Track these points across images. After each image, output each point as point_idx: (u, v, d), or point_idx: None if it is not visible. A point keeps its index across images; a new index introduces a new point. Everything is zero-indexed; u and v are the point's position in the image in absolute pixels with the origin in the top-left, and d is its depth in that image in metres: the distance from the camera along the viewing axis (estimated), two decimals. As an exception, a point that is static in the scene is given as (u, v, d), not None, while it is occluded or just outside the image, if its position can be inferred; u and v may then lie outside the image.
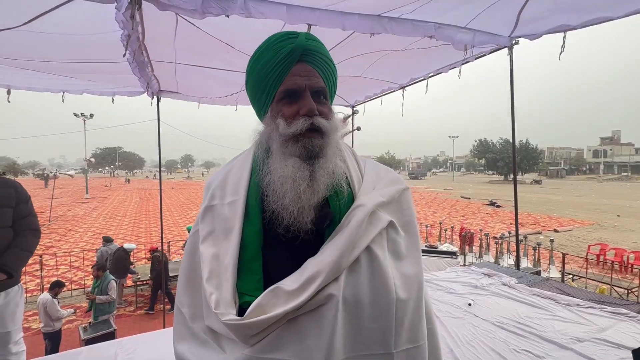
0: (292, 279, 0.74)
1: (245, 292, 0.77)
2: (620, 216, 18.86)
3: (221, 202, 0.86)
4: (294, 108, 0.80)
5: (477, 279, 3.55)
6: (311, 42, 0.84)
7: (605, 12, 2.59)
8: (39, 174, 49.12)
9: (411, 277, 0.82)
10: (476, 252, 9.80)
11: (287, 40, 0.83)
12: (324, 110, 0.83)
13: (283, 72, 0.81)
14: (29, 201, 2.30)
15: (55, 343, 4.92)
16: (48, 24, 2.31)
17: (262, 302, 0.72)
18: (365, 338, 0.75)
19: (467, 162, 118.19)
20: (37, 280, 8.12)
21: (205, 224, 0.86)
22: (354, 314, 0.74)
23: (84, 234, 14.77)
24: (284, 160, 0.79)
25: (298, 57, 0.82)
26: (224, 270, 0.78)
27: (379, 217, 0.82)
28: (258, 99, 0.87)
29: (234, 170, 0.90)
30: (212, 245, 0.82)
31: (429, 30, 2.88)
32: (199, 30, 2.76)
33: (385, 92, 5.24)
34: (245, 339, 0.73)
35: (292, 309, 0.71)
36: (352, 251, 0.75)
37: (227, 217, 0.83)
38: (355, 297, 0.74)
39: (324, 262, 0.74)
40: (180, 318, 0.86)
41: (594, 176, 70.81)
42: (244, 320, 0.71)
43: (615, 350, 2.15)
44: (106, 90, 4.55)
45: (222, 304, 0.74)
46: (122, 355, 2.30)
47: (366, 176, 0.90)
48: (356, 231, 0.76)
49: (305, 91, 0.80)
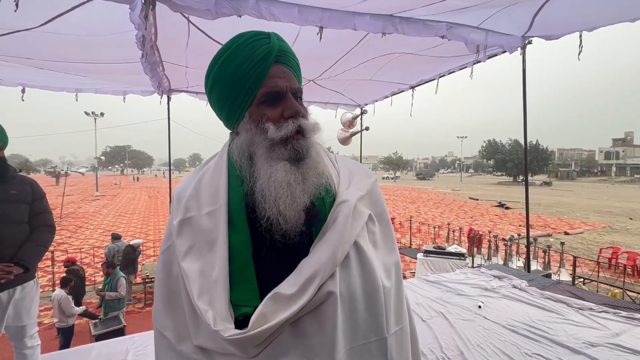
0: (289, 282, 0.73)
1: (241, 303, 0.74)
2: (632, 219, 18.51)
3: (198, 213, 0.80)
4: (278, 110, 0.79)
5: (487, 281, 3.52)
6: (283, 42, 0.83)
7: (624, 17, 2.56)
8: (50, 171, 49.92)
9: (390, 264, 0.86)
10: (484, 254, 9.71)
11: (260, 41, 0.80)
12: (304, 111, 0.82)
13: (261, 75, 0.78)
14: (44, 198, 2.34)
15: (67, 338, 5.00)
16: (64, 25, 2.35)
17: (264, 311, 0.70)
18: (362, 328, 0.77)
19: (475, 163, 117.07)
20: (48, 276, 8.26)
21: (183, 239, 0.80)
22: (350, 307, 0.76)
23: (94, 231, 14.98)
24: (273, 164, 0.77)
25: (275, 59, 0.80)
26: (214, 284, 0.74)
27: (360, 212, 0.84)
28: (231, 104, 0.82)
29: (206, 179, 0.85)
30: (195, 260, 0.77)
31: (440, 30, 2.85)
32: (211, 41, 2.79)
33: (395, 93, 5.22)
34: (248, 351, 0.71)
35: (294, 313, 0.70)
36: (344, 247, 0.76)
37: (208, 228, 0.78)
38: (350, 290, 0.76)
39: (320, 261, 0.73)
40: (164, 342, 0.81)
41: (606, 178, 69.60)
42: (248, 333, 0.69)
43: (629, 356, 2.11)
44: (118, 89, 4.62)
45: (218, 320, 0.71)
46: (134, 352, 2.34)
47: (341, 171, 0.90)
48: (345, 227, 0.77)
49: (287, 93, 0.79)
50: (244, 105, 0.81)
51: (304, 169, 0.78)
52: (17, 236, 2.15)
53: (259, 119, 0.79)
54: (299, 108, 0.79)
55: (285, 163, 0.77)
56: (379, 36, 2.73)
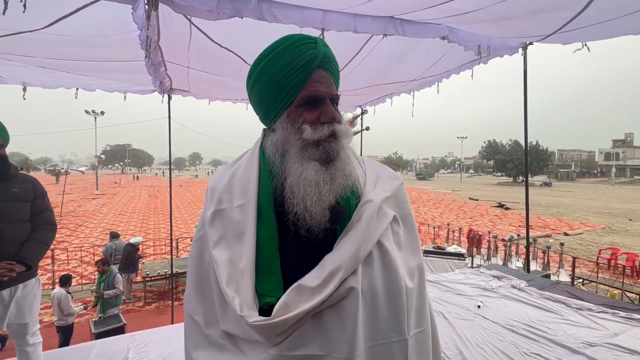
0: (313, 275, 0.76)
1: (265, 293, 0.79)
2: (632, 220, 18.53)
3: (230, 206, 0.85)
4: (315, 114, 0.82)
5: (487, 281, 3.53)
6: (327, 49, 0.87)
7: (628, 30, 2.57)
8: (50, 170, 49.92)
9: (413, 267, 0.87)
10: (484, 254, 9.73)
11: (306, 45, 0.83)
12: (338, 117, 0.85)
13: (304, 78, 0.82)
14: (45, 196, 2.35)
15: (67, 337, 5.01)
16: (68, 27, 2.36)
17: (287, 301, 0.74)
18: (383, 327, 0.78)
19: (475, 164, 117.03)
20: (48, 275, 8.28)
21: (215, 229, 0.85)
22: (371, 305, 0.77)
23: (94, 229, 15.00)
24: (304, 164, 0.81)
25: (319, 64, 0.83)
26: (241, 274, 0.78)
27: (385, 212, 0.85)
28: (270, 101, 0.86)
29: (239, 173, 0.89)
30: (225, 249, 0.82)
31: (442, 31, 2.86)
32: (213, 43, 2.79)
33: (395, 94, 5.23)
34: (271, 338, 0.75)
35: (316, 305, 0.73)
36: (367, 245, 0.79)
37: (238, 221, 0.83)
38: (371, 288, 0.78)
39: (343, 257, 0.76)
40: (194, 326, 0.86)
41: (606, 179, 69.58)
42: (272, 320, 0.72)
43: (628, 356, 2.13)
44: (119, 87, 4.62)
45: (244, 307, 0.75)
46: (135, 349, 2.35)
47: (367, 173, 0.93)
48: (369, 226, 0.80)
49: (326, 98, 0.83)
50: (283, 105, 0.84)
51: (333, 170, 0.81)
52: (18, 234, 2.16)
53: (296, 120, 0.83)
54: (335, 114, 0.82)
55: (316, 163, 0.81)
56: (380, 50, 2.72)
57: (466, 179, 78.70)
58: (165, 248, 10.72)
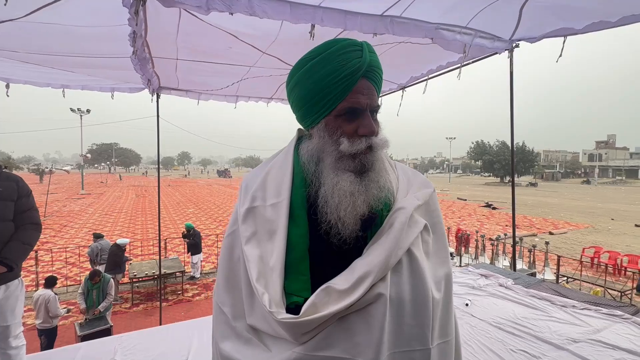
0: (342, 279, 0.77)
1: (293, 292, 0.79)
2: (614, 220, 19.03)
3: (263, 204, 0.86)
4: (354, 126, 0.81)
5: (474, 280, 3.58)
6: (373, 55, 0.84)
7: (604, 18, 2.63)
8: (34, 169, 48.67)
9: (441, 276, 0.86)
10: (472, 254, 9.87)
11: (353, 53, 0.80)
12: (377, 129, 0.84)
13: (347, 88, 0.79)
14: (30, 195, 2.30)
15: (51, 339, 4.90)
16: (51, 15, 2.30)
17: (315, 301, 0.74)
18: (407, 334, 0.78)
19: (463, 164, 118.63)
20: (32, 276, 8.08)
21: (247, 225, 0.86)
22: (397, 312, 0.78)
23: (79, 230, 14.69)
24: (339, 174, 0.81)
25: (364, 73, 0.80)
26: (271, 271, 0.79)
27: (416, 220, 0.85)
28: (310, 108, 0.84)
29: (273, 173, 0.90)
30: (256, 246, 0.83)
31: (429, 31, 2.89)
32: (202, 22, 2.74)
33: (385, 93, 5.26)
34: (297, 337, 0.75)
35: (344, 308, 0.73)
36: (397, 252, 0.78)
37: (270, 219, 0.84)
38: (399, 295, 0.78)
39: (373, 262, 0.76)
40: (222, 317, 0.87)
41: (589, 179, 71.32)
42: (300, 319, 0.73)
43: (610, 351, 2.18)
44: (106, 85, 4.54)
45: (273, 303, 0.76)
46: (122, 351, 2.31)
47: (400, 179, 0.92)
48: (400, 233, 0.79)
49: (366, 111, 0.81)
50: (322, 113, 0.83)
51: (367, 182, 0.81)
52: (1, 234, 2.11)
53: (334, 131, 0.82)
54: (374, 128, 0.81)
55: (351, 174, 0.80)
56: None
57: (455, 179, 79.67)
58: (153, 248, 10.57)
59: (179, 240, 10.54)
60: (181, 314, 6.69)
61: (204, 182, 52.08)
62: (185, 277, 8.28)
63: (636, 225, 17.04)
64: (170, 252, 10.48)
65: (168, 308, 6.94)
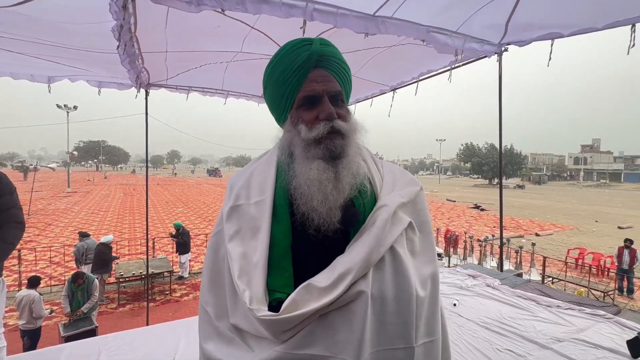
0: (323, 276, 0.77)
1: (276, 289, 0.79)
2: (598, 222, 19.48)
3: (247, 202, 0.87)
4: (314, 113, 0.83)
5: (462, 280, 3.62)
6: (325, 47, 0.87)
7: (590, 24, 2.69)
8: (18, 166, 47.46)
9: (427, 275, 0.86)
10: (460, 254, 9.98)
11: (302, 48, 0.85)
12: (342, 113, 0.86)
13: (300, 79, 0.84)
14: (14, 193, 2.23)
15: (34, 340, 4.78)
16: (38, 9, 2.24)
17: (296, 298, 0.74)
18: (390, 332, 0.77)
19: (453, 166, 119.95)
20: (14, 276, 7.88)
21: (231, 223, 0.87)
22: (379, 310, 0.77)
23: (64, 228, 14.39)
24: (308, 163, 0.82)
25: (314, 63, 0.84)
26: (254, 268, 0.79)
27: (400, 218, 0.84)
28: (277, 106, 0.90)
29: (258, 171, 0.92)
30: (239, 244, 0.83)
31: (421, 33, 2.92)
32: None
33: (376, 95, 5.29)
34: (277, 334, 0.75)
35: (324, 305, 0.73)
36: (379, 249, 0.78)
37: (254, 217, 0.85)
38: (381, 293, 0.77)
39: (354, 260, 0.76)
40: (206, 317, 0.87)
41: (575, 182, 72.86)
42: (280, 316, 0.73)
43: (592, 350, 2.23)
44: (93, 79, 4.44)
45: (254, 300, 0.76)
46: (106, 352, 2.26)
47: (385, 177, 0.92)
48: (382, 230, 0.79)
49: (323, 96, 0.83)
50: (286, 108, 0.88)
51: (338, 168, 0.81)
52: (-19, 232, 2.05)
53: (296, 121, 0.86)
54: (332, 111, 0.82)
55: (320, 162, 0.81)
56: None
57: (444, 180, 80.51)
58: (140, 248, 10.42)
59: (167, 240, 10.40)
60: (169, 314, 6.60)
61: (193, 181, 51.56)
62: (174, 277, 8.19)
63: (619, 227, 17.47)
64: (158, 251, 10.34)
65: (155, 308, 6.84)
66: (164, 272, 7.81)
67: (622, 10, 2.45)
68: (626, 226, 17.66)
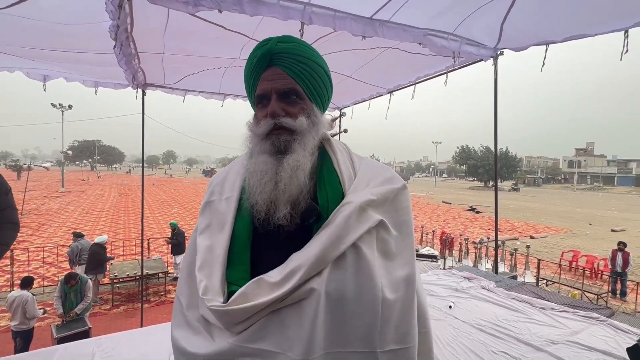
0: (276, 272, 0.77)
1: (233, 281, 0.81)
2: (591, 224, 19.65)
3: (219, 198, 0.93)
4: (265, 111, 0.86)
5: (458, 282, 3.63)
6: (282, 44, 0.86)
7: (583, 30, 2.72)
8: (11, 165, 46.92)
9: (400, 277, 0.81)
10: (456, 256, 10.01)
11: (260, 49, 0.87)
12: (293, 111, 0.85)
13: (256, 79, 0.87)
14: (9, 193, 2.20)
15: (26, 341, 4.73)
16: (32, 9, 2.23)
17: (246, 291, 0.75)
18: (348, 334, 0.75)
19: (449, 168, 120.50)
20: (7, 276, 7.79)
21: (203, 218, 0.92)
22: (336, 309, 0.75)
23: (58, 228, 14.25)
24: (258, 157, 0.85)
25: (267, 62, 0.85)
26: (215, 260, 0.82)
27: (368, 216, 0.82)
28: (251, 105, 0.94)
29: (234, 170, 0.96)
30: (208, 237, 0.87)
31: (418, 36, 2.93)
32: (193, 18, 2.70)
33: (374, 97, 5.30)
34: (229, 326, 0.76)
35: (273, 300, 0.73)
36: (337, 246, 0.76)
37: (223, 212, 0.89)
38: (339, 292, 0.75)
39: (306, 256, 0.76)
40: (179, 306, 0.90)
41: (569, 185, 73.44)
42: (227, 307, 0.74)
43: (586, 353, 2.24)
44: (89, 79, 4.42)
45: (210, 291, 0.78)
46: (100, 354, 2.24)
47: (360, 174, 0.90)
48: (341, 227, 0.77)
49: (272, 94, 0.85)
50: (253, 108, 0.92)
51: (281, 162, 0.82)
52: (-25, 233, 2.02)
53: (254, 119, 0.90)
54: (274, 109, 0.84)
55: (266, 156, 0.84)
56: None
57: (440, 182, 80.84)
58: (135, 249, 10.35)
59: (162, 240, 10.34)
60: (163, 315, 6.55)
61: (189, 182, 51.34)
62: (168, 277, 8.13)
63: (612, 230, 17.63)
64: (153, 252, 10.27)
65: (150, 309, 6.79)
66: (158, 273, 7.76)
67: (615, 18, 2.49)
68: (619, 229, 17.83)
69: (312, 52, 0.90)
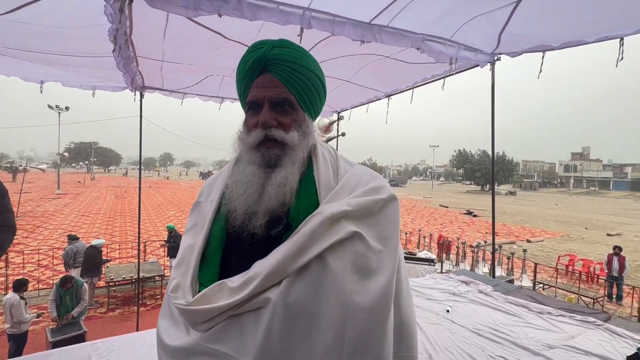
0: (238, 277, 0.78)
1: (203, 282, 0.83)
2: (587, 229, 19.74)
3: (205, 200, 0.96)
4: (256, 119, 0.83)
5: (455, 286, 3.63)
6: (277, 50, 0.82)
7: (580, 37, 2.76)
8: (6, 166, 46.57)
9: (374, 295, 0.74)
10: (453, 260, 10.02)
11: (253, 52, 0.83)
12: (285, 121, 0.82)
13: (248, 84, 0.84)
14: (5, 196, 2.19)
15: (19, 345, 4.67)
16: (32, 14, 2.23)
17: (207, 293, 0.77)
18: (304, 348, 0.71)
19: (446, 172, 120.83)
20: (1, 279, 7.71)
21: (191, 218, 0.96)
22: (295, 321, 0.72)
23: (53, 231, 14.15)
24: (246, 167, 0.84)
25: (261, 68, 0.82)
26: (192, 259, 0.85)
27: (340, 227, 0.76)
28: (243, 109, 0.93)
29: (224, 173, 0.97)
30: (192, 236, 0.91)
31: (416, 42, 2.96)
32: (189, 22, 2.71)
33: (372, 101, 5.33)
34: (193, 324, 0.79)
35: (231, 305, 0.74)
36: (299, 257, 0.73)
37: (205, 213, 0.92)
38: (297, 304, 0.72)
39: (265, 265, 0.75)
40: (167, 297, 0.90)
41: (565, 189, 73.82)
42: (187, 306, 0.77)
43: (583, 357, 2.25)
44: (87, 82, 4.42)
45: (181, 289, 0.81)
46: (96, 358, 2.23)
47: (342, 182, 0.85)
48: (305, 238, 0.74)
49: (264, 103, 0.82)
50: (244, 112, 0.90)
51: (269, 177, 0.82)
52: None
53: (244, 126, 0.88)
54: (266, 119, 0.81)
55: (255, 167, 0.83)
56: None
57: (437, 186, 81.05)
58: (132, 251, 10.28)
59: (159, 243, 10.29)
60: (159, 319, 6.50)
61: (186, 184, 51.19)
62: (165, 281, 8.08)
63: (608, 234, 17.73)
64: (149, 255, 10.21)
65: (146, 313, 6.74)
66: (155, 276, 7.71)
67: (611, 26, 2.52)
68: (615, 233, 17.93)
69: (308, 59, 0.87)
